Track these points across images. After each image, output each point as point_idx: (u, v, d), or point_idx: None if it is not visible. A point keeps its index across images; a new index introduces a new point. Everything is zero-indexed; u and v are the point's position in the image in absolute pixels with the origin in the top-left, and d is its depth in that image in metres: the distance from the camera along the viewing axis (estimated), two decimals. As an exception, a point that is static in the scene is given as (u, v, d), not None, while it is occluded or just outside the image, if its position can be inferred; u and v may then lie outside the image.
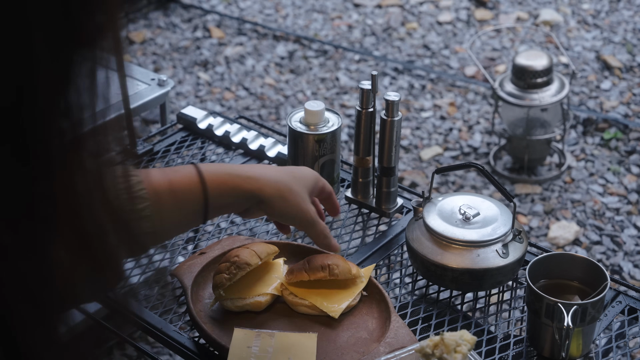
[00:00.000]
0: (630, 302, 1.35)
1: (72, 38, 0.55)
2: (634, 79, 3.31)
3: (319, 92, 3.28)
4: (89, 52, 0.57)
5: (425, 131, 3.07)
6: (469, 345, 1.14)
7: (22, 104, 0.53)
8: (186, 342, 1.26)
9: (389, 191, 1.50)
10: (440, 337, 1.14)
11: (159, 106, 1.96)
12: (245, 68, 3.43)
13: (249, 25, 3.69)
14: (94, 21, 0.57)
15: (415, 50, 3.52)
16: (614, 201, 2.73)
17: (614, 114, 3.09)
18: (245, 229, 1.52)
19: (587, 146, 2.98)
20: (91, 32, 0.57)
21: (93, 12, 0.56)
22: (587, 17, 3.70)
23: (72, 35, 0.55)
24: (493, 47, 3.53)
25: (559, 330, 1.20)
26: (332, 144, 1.48)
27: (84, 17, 0.56)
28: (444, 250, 1.33)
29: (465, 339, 1.14)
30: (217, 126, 1.71)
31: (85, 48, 0.57)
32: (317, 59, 3.48)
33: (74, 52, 0.56)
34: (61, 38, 0.55)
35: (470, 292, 1.37)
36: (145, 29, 3.69)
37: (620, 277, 2.45)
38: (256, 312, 1.29)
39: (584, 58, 3.43)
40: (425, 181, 2.80)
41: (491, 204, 1.38)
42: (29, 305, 0.58)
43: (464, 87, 3.30)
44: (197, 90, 3.30)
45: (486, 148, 2.99)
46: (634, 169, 2.86)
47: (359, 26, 3.69)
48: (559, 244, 2.56)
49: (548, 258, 1.29)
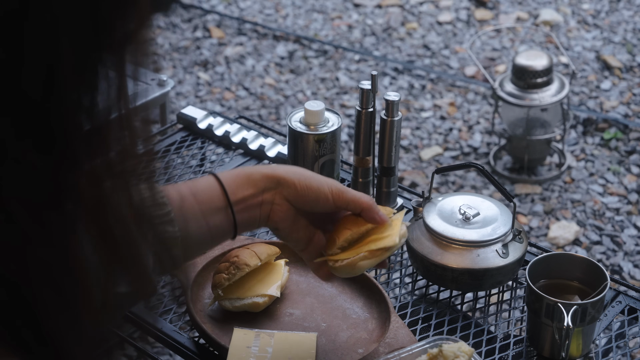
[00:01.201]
0: (630, 302, 1.35)
1: (100, 39, 0.56)
2: (634, 79, 3.31)
3: (319, 92, 3.28)
4: (117, 55, 0.58)
5: (425, 131, 3.07)
6: (466, 356, 1.14)
7: (49, 99, 0.54)
8: (186, 342, 1.26)
9: (389, 191, 1.50)
10: (438, 349, 1.15)
11: (159, 106, 1.96)
12: (245, 68, 3.43)
13: (249, 25, 3.69)
14: (123, 24, 0.57)
15: (415, 50, 3.52)
16: (614, 201, 2.73)
17: (614, 114, 3.10)
18: (245, 229, 1.52)
19: (587, 146, 2.98)
20: (120, 35, 0.57)
21: (123, 16, 0.57)
22: (587, 17, 3.70)
23: (100, 37, 0.56)
24: (493, 47, 3.53)
25: (559, 330, 1.20)
26: (332, 144, 1.48)
27: (113, 20, 0.56)
28: (444, 250, 1.33)
29: (463, 351, 1.14)
30: (217, 126, 1.71)
31: (113, 50, 0.57)
32: (317, 59, 3.48)
33: (101, 53, 0.56)
34: (88, 38, 0.55)
35: (470, 292, 1.37)
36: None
37: (620, 277, 2.45)
38: (256, 312, 1.29)
39: (584, 58, 3.43)
40: (425, 181, 2.80)
41: (491, 204, 1.38)
42: (52, 292, 0.58)
43: (464, 87, 3.30)
44: (197, 90, 3.30)
45: (486, 148, 2.99)
46: (634, 169, 2.86)
47: (359, 26, 3.69)
48: (559, 244, 2.56)
49: (548, 258, 1.29)
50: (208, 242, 1.12)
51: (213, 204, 1.09)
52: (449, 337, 1.19)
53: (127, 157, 0.61)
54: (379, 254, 1.12)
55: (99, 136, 0.58)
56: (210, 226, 1.09)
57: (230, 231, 1.11)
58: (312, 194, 1.11)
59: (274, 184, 1.11)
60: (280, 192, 1.11)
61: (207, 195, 1.10)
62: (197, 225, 1.08)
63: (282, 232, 1.14)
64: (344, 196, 1.12)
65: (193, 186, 1.11)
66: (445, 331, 1.29)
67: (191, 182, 1.12)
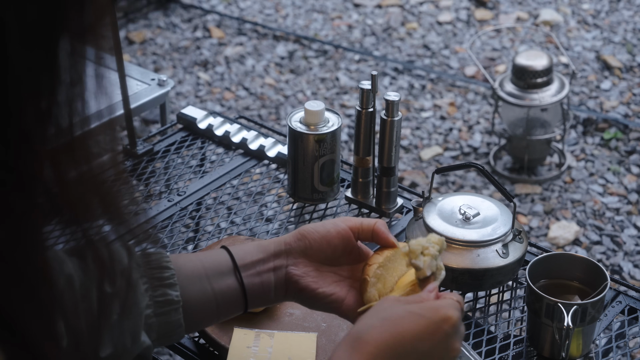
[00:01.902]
0: (630, 302, 1.35)
1: (52, 20, 0.55)
2: (634, 79, 3.31)
3: (319, 92, 3.28)
4: (74, 46, 0.57)
5: (425, 131, 3.07)
6: (437, 246, 1.05)
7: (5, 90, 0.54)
8: (186, 342, 1.26)
9: (389, 191, 1.50)
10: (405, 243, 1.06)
11: (159, 106, 1.96)
12: (245, 68, 3.43)
13: (249, 25, 3.69)
14: (79, 10, 0.57)
15: (415, 50, 3.52)
16: (614, 201, 2.73)
17: (614, 114, 3.09)
18: (245, 229, 1.52)
19: (587, 146, 2.98)
20: (77, 21, 0.57)
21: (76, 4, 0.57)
22: (587, 17, 3.70)
23: (52, 17, 0.55)
24: (493, 47, 3.53)
25: (559, 330, 1.20)
26: (332, 144, 1.48)
27: (67, 9, 0.56)
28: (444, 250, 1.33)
29: (433, 241, 1.05)
30: (217, 126, 1.71)
31: (69, 40, 0.57)
32: (317, 59, 3.48)
33: (56, 36, 0.56)
34: (37, 14, 0.55)
35: (470, 292, 1.37)
36: (145, 29, 3.69)
37: (620, 277, 2.45)
38: (255, 313, 1.29)
39: (584, 58, 3.43)
40: (425, 181, 2.80)
41: (491, 204, 1.38)
42: (26, 299, 0.58)
43: (464, 87, 3.30)
44: (197, 90, 3.30)
45: (486, 148, 2.99)
46: (634, 169, 2.86)
47: (359, 26, 3.69)
48: (559, 244, 2.56)
49: (548, 258, 1.29)
50: (214, 309, 1.04)
51: (219, 268, 1.04)
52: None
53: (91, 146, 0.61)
54: (416, 287, 1.03)
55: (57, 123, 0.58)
56: (216, 291, 1.03)
57: (240, 299, 1.04)
58: (320, 229, 1.06)
59: (283, 246, 1.06)
60: (293, 251, 1.05)
61: (213, 259, 1.05)
62: (200, 288, 1.02)
63: (307, 292, 1.05)
64: (351, 221, 1.07)
65: (200, 253, 1.07)
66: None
67: (199, 252, 1.07)
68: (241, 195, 1.60)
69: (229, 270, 1.04)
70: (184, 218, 1.53)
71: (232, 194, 1.61)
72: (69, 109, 0.57)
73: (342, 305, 1.05)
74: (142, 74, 1.97)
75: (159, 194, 1.61)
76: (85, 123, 0.58)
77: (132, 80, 1.93)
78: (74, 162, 0.59)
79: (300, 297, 1.06)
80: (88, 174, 0.60)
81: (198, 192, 1.58)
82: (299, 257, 1.05)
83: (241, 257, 1.05)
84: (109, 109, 0.60)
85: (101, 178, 0.61)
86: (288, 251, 1.06)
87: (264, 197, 1.63)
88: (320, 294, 1.04)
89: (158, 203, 1.55)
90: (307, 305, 1.08)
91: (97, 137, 0.60)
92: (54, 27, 0.55)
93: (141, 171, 1.64)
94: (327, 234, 1.05)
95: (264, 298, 1.06)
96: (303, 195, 1.52)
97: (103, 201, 0.62)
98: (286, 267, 1.05)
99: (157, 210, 1.53)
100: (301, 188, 1.51)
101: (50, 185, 0.57)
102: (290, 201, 1.55)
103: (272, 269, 1.05)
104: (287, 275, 1.05)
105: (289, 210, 1.55)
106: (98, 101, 0.59)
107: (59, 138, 0.57)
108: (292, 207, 1.55)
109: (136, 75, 1.96)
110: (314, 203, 1.53)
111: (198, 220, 1.61)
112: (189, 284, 1.01)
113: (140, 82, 1.94)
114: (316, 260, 1.06)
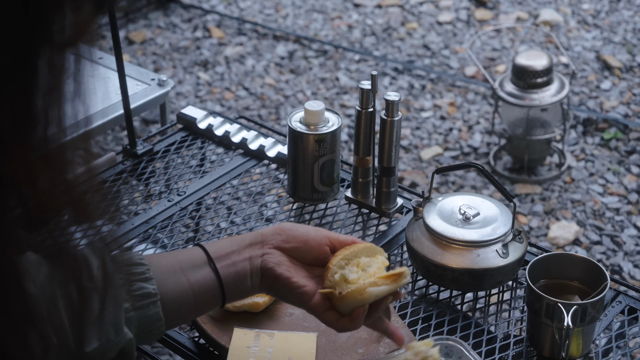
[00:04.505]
0: (630, 302, 1.35)
1: (34, 36, 0.56)
2: (634, 79, 3.31)
3: (319, 92, 3.28)
4: (53, 56, 0.58)
5: (425, 131, 3.07)
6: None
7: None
8: (186, 342, 1.26)
9: (389, 191, 1.50)
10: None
11: (159, 106, 1.96)
12: (245, 68, 3.43)
13: (249, 25, 3.69)
14: (60, 18, 0.57)
15: (415, 50, 3.52)
16: (614, 201, 2.73)
17: (614, 114, 3.09)
18: (245, 229, 1.52)
19: (587, 146, 2.98)
20: (59, 30, 0.57)
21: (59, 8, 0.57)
22: (587, 17, 3.70)
23: (34, 34, 0.56)
24: (493, 47, 3.53)
25: (559, 330, 1.20)
26: (332, 144, 1.48)
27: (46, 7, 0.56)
28: (444, 250, 1.33)
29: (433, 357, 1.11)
30: (217, 126, 1.71)
31: (50, 49, 0.57)
32: (317, 59, 3.48)
33: (37, 52, 0.56)
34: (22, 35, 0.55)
35: (470, 292, 1.37)
36: (145, 29, 3.69)
37: (620, 277, 2.45)
38: (255, 313, 1.29)
39: (584, 58, 3.43)
40: (425, 181, 2.80)
41: (491, 204, 1.38)
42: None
43: (464, 87, 3.30)
44: (197, 90, 3.30)
45: (486, 148, 2.99)
46: (634, 169, 2.86)
47: (359, 26, 3.69)
48: (559, 244, 2.56)
49: (548, 258, 1.29)
50: (191, 301, 1.06)
51: (193, 261, 1.06)
52: (449, 337, 1.19)
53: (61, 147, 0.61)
54: (389, 281, 1.09)
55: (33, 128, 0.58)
56: (192, 283, 1.05)
57: (217, 289, 1.06)
58: (300, 228, 1.11)
59: (260, 237, 1.10)
60: (269, 243, 1.09)
61: (187, 254, 1.07)
62: (176, 281, 1.04)
63: (282, 280, 1.08)
64: (332, 232, 1.12)
65: (174, 251, 1.10)
66: (445, 331, 1.29)
67: (173, 250, 1.10)
68: (241, 195, 1.60)
69: (204, 262, 1.07)
70: (184, 218, 1.53)
71: (232, 194, 1.61)
72: (45, 115, 0.58)
73: (312, 299, 1.09)
74: (142, 74, 1.97)
75: (159, 194, 1.61)
76: (61, 131, 0.59)
77: (132, 80, 1.93)
78: (48, 167, 0.59)
79: (275, 287, 1.09)
80: (61, 179, 0.60)
81: (198, 192, 1.58)
82: (275, 248, 1.09)
83: (214, 250, 1.08)
84: (86, 120, 0.61)
85: (75, 184, 0.61)
86: (264, 242, 1.09)
87: (264, 197, 1.63)
88: (294, 283, 1.08)
89: (158, 203, 1.55)
90: (280, 296, 1.11)
91: (73, 146, 0.60)
92: (35, 37, 0.56)
93: (141, 171, 1.64)
94: (305, 234, 1.10)
95: (241, 287, 1.08)
96: (303, 195, 1.52)
97: (75, 207, 0.63)
98: (261, 256, 1.08)
99: (157, 210, 1.53)
100: (301, 188, 1.51)
101: (23, 188, 0.58)
102: (290, 201, 1.55)
103: (248, 259, 1.08)
104: (262, 263, 1.08)
105: (289, 210, 1.55)
106: (75, 111, 0.60)
107: (34, 143, 0.58)
108: (292, 207, 1.55)
109: (136, 76, 1.96)
110: (314, 203, 1.53)
111: (198, 220, 1.61)
112: (164, 278, 1.03)
113: (140, 82, 1.94)
114: (290, 255, 1.10)
